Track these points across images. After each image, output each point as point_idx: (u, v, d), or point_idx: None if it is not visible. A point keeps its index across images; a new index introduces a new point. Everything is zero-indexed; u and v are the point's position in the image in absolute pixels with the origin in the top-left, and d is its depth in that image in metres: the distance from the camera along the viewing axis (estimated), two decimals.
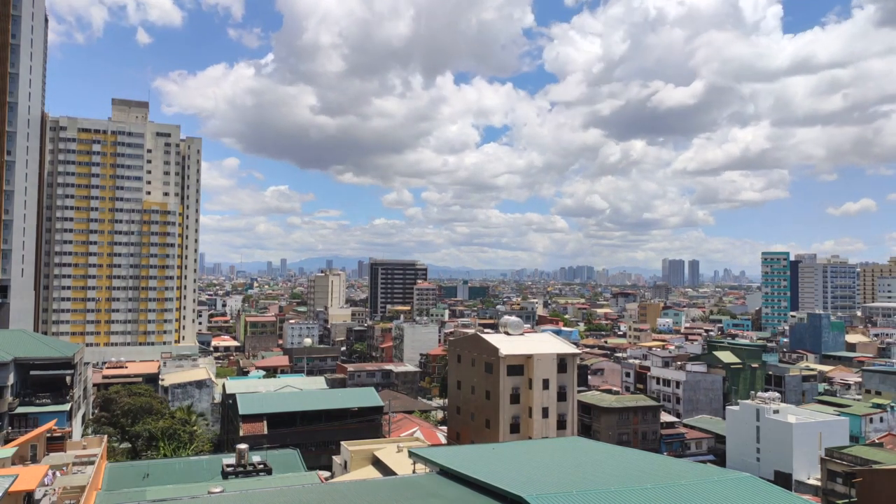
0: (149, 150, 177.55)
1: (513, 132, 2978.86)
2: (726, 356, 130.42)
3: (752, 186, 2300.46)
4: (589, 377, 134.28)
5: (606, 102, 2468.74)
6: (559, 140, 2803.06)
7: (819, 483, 75.54)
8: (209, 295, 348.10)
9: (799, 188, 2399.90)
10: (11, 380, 67.48)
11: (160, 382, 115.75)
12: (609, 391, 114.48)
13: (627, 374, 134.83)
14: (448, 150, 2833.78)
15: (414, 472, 45.52)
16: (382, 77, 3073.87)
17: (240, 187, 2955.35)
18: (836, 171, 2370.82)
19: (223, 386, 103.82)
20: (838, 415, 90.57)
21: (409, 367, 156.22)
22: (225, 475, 50.16)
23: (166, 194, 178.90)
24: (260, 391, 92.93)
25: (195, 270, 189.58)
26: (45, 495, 42.05)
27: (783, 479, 78.28)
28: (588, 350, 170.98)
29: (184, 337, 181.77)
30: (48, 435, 54.37)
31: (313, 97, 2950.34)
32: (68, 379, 74.15)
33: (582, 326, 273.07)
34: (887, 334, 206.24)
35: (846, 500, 66.54)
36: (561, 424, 76.48)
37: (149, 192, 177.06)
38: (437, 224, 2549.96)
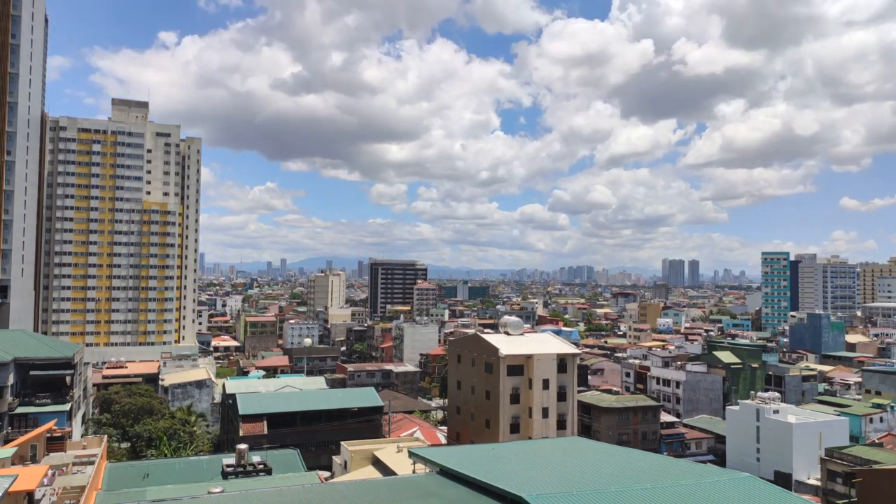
0: (149, 150, 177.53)
1: (512, 111, 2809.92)
2: (726, 356, 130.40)
3: (770, 180, 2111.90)
4: (589, 377, 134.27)
5: (619, 68, 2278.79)
6: (568, 123, 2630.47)
7: (819, 483, 75.53)
8: (209, 295, 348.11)
9: (827, 180, 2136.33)
10: (11, 380, 67.46)
11: (160, 382, 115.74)
12: (609, 391, 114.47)
13: (627, 374, 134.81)
14: (443, 137, 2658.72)
15: (414, 472, 45.51)
16: (365, 41, 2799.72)
17: (221, 183, 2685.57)
18: (873, 160, 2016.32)
19: (223, 386, 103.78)
20: (838, 415, 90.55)
21: (409, 367, 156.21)
22: (225, 475, 50.14)
23: (166, 194, 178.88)
24: (260, 391, 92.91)
25: (195, 270, 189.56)
26: (44, 495, 42.04)
27: (783, 479, 78.27)
28: (588, 350, 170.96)
29: (184, 337, 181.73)
30: (48, 435, 54.36)
31: (290, 69, 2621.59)
32: (68, 379, 74.15)
33: (582, 326, 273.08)
34: (887, 334, 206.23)
35: (846, 500, 66.52)
36: (561, 424, 76.46)
37: (149, 192, 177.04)
38: (432, 221, 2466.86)
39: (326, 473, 61.30)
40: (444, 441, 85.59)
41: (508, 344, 78.90)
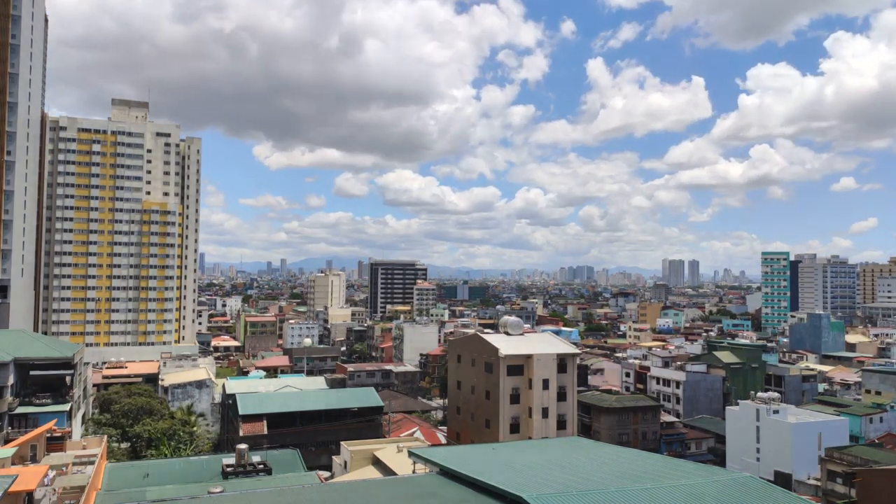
0: (149, 150, 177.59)
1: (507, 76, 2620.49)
2: (726, 356, 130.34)
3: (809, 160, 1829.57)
4: (589, 377, 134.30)
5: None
6: (578, 85, 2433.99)
7: (819, 483, 75.50)
8: (209, 295, 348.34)
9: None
10: (11, 380, 67.50)
11: (160, 382, 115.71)
12: (609, 391, 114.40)
13: (627, 374, 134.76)
14: (437, 118, 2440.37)
15: (414, 472, 45.48)
16: None
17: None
18: None
19: (223, 386, 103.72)
20: (838, 415, 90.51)
21: (409, 367, 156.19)
22: (225, 475, 50.12)
23: (166, 194, 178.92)
24: (260, 391, 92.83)
25: (195, 270, 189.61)
26: (45, 495, 42.02)
27: (783, 479, 78.25)
28: (588, 350, 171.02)
29: (184, 337, 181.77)
30: (48, 435, 54.34)
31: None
32: (68, 379, 74.14)
33: (582, 326, 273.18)
34: (887, 334, 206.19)
35: (846, 500, 66.52)
36: (561, 424, 76.49)
37: (149, 192, 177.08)
38: (426, 217, 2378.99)
39: (326, 473, 61.27)
40: (444, 441, 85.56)
41: (508, 344, 78.91)
